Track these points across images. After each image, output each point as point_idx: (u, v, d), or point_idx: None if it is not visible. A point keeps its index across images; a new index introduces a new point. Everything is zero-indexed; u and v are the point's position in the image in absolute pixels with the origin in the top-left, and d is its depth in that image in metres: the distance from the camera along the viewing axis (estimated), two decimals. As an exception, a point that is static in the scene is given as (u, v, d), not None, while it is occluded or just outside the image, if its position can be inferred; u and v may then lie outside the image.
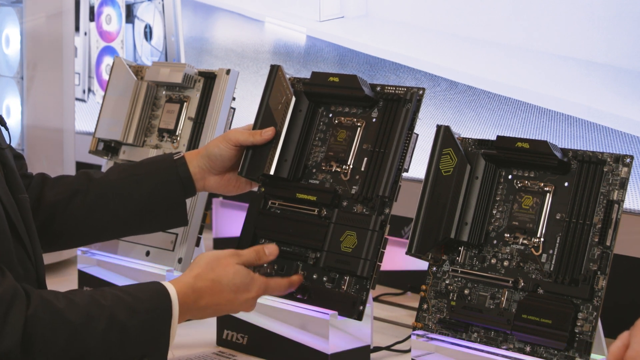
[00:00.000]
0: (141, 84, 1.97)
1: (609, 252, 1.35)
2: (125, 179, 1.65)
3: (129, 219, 1.66)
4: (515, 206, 1.46)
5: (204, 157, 1.65)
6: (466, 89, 2.03)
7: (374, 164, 1.58)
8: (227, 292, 1.42)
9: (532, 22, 1.92)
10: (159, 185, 1.63)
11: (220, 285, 1.42)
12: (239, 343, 1.66)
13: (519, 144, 1.44)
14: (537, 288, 1.40)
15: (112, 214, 1.65)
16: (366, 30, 2.25)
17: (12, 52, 2.52)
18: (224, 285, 1.42)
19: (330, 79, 1.65)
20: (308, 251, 1.61)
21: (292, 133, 1.67)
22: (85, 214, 1.65)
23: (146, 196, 1.64)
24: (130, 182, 1.65)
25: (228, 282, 1.42)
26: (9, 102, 2.54)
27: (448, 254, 1.50)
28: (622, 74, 1.78)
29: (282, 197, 1.67)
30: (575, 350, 1.34)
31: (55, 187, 1.66)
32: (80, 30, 3.00)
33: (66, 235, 1.67)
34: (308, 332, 1.56)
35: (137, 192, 1.64)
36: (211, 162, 1.65)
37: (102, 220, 1.66)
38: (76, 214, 1.65)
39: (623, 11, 1.77)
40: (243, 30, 2.58)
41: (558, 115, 1.88)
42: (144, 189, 1.64)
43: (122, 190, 1.65)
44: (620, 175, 1.38)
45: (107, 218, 1.66)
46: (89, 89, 3.05)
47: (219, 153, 1.65)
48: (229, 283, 1.42)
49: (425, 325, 1.49)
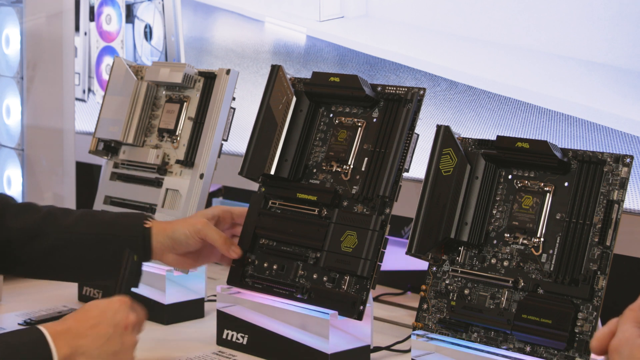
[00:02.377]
0: (141, 84, 1.97)
1: (609, 252, 1.35)
2: (91, 235, 1.62)
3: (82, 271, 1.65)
4: (515, 206, 1.46)
5: (168, 238, 1.62)
6: (466, 89, 2.03)
7: (374, 164, 1.58)
8: (90, 311, 1.33)
9: (532, 22, 1.92)
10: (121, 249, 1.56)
11: (82, 312, 1.34)
12: (239, 343, 1.66)
13: (519, 144, 1.44)
14: (537, 288, 1.40)
15: (67, 264, 1.63)
16: (366, 30, 2.25)
17: (12, 52, 2.52)
18: (86, 310, 1.34)
19: (331, 79, 1.65)
20: (308, 251, 1.61)
21: (292, 133, 1.67)
22: (41, 257, 1.62)
23: (107, 256, 1.61)
24: (95, 240, 1.62)
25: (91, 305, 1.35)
26: (9, 102, 2.54)
27: (448, 254, 1.50)
28: (622, 74, 1.78)
29: (283, 197, 1.67)
30: (575, 350, 1.34)
31: (19, 217, 1.62)
32: (80, 30, 3.00)
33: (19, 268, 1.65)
34: (308, 332, 1.56)
35: (99, 250, 1.62)
36: (174, 244, 1.63)
37: (56, 266, 1.63)
38: (33, 255, 1.61)
39: (623, 11, 1.77)
40: (243, 30, 2.57)
41: (558, 115, 1.88)
42: (106, 249, 1.62)
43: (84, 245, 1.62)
44: (620, 175, 1.38)
45: (60, 268, 1.64)
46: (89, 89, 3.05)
47: (184, 241, 1.62)
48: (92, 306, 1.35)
49: (425, 325, 1.49)
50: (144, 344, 1.41)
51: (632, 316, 1.01)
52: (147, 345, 1.57)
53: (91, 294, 1.96)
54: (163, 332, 1.79)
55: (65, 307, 1.91)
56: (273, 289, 1.63)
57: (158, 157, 1.92)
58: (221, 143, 1.86)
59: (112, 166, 2.01)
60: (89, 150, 2.01)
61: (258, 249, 1.68)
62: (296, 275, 1.62)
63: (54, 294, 2.02)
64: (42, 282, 2.13)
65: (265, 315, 1.62)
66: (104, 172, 2.03)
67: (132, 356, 1.34)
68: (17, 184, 2.58)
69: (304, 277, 1.61)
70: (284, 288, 1.62)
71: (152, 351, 1.65)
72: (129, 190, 1.96)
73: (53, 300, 1.97)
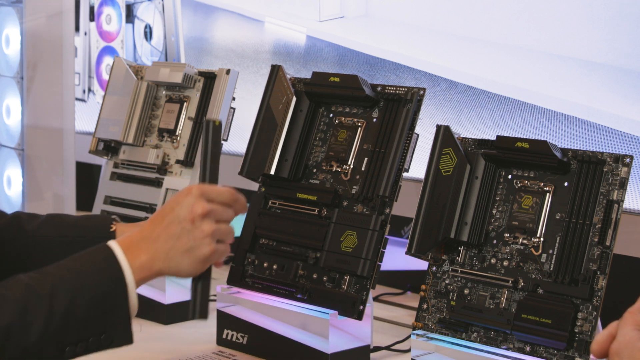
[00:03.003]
0: (141, 84, 1.97)
1: (608, 252, 1.35)
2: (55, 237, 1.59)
3: None
4: (515, 206, 1.46)
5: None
6: (466, 89, 2.03)
7: (374, 163, 1.58)
8: (164, 211, 1.27)
9: (532, 22, 1.92)
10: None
11: (157, 214, 1.29)
12: (239, 343, 1.66)
13: (519, 144, 1.44)
14: (537, 288, 1.40)
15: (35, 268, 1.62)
16: (366, 30, 2.25)
17: (12, 52, 2.52)
18: (161, 210, 1.29)
19: (331, 79, 1.65)
20: (308, 251, 1.61)
21: (292, 133, 1.68)
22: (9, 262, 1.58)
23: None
24: (60, 243, 1.58)
25: (165, 205, 1.29)
26: (9, 102, 2.54)
27: (448, 254, 1.50)
28: (622, 74, 1.78)
29: (283, 197, 1.67)
30: (575, 350, 1.34)
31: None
32: (80, 30, 3.00)
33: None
34: (308, 332, 1.56)
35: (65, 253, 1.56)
36: None
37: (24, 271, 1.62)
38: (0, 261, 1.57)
39: (623, 11, 1.77)
40: (243, 30, 2.58)
41: (558, 115, 1.88)
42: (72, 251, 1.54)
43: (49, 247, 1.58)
44: (620, 175, 1.38)
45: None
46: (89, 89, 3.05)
47: None
48: (166, 205, 1.28)
49: (425, 325, 1.49)
50: (144, 344, 1.41)
51: (632, 319, 1.01)
52: (147, 345, 1.57)
53: None
54: (163, 332, 1.79)
55: None
56: (273, 289, 1.63)
57: (158, 157, 1.92)
58: (221, 143, 1.86)
59: (112, 166, 2.01)
60: (89, 150, 2.01)
61: (258, 249, 1.68)
62: (296, 275, 1.62)
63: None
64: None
65: (265, 315, 1.62)
66: (104, 172, 2.03)
67: (211, 248, 1.26)
68: (17, 184, 2.58)
69: (304, 277, 1.61)
70: (284, 288, 1.62)
71: (152, 351, 1.65)
72: (129, 190, 1.96)
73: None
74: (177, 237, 1.26)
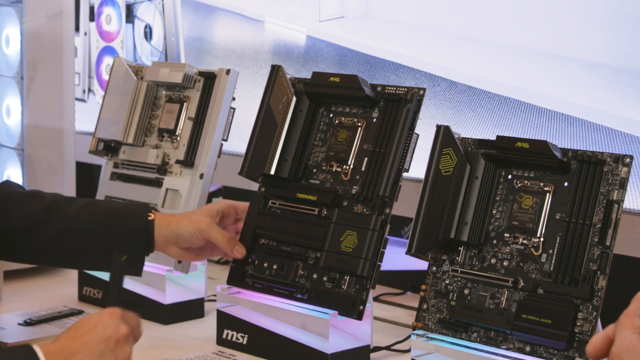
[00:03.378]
0: (141, 84, 1.97)
1: (608, 252, 1.35)
2: (94, 224, 1.63)
3: (85, 260, 1.66)
4: (515, 206, 1.46)
5: (172, 232, 1.63)
6: (466, 89, 2.03)
7: (374, 164, 1.58)
8: (81, 329, 1.29)
9: (532, 22, 1.92)
10: (124, 239, 1.61)
11: (73, 331, 1.30)
12: (239, 343, 1.66)
13: (519, 144, 1.44)
14: (537, 288, 1.40)
15: (69, 253, 1.63)
16: (366, 30, 2.25)
17: (12, 52, 2.52)
18: (76, 327, 1.30)
19: (331, 79, 1.65)
20: (308, 251, 1.61)
21: (292, 133, 1.68)
22: (44, 245, 1.62)
23: (110, 245, 1.61)
24: (98, 230, 1.62)
25: (81, 324, 1.31)
26: (9, 102, 2.54)
27: (448, 254, 1.50)
28: (622, 74, 1.78)
29: (283, 197, 1.67)
30: (575, 350, 1.34)
31: (23, 206, 1.63)
32: (80, 30, 3.00)
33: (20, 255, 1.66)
34: (308, 332, 1.56)
35: (102, 240, 1.62)
36: (177, 239, 1.63)
37: (58, 255, 1.64)
38: (35, 243, 1.62)
39: (623, 11, 1.77)
40: (243, 30, 2.57)
41: (558, 115, 1.88)
42: (109, 239, 1.62)
43: (87, 234, 1.62)
44: (620, 175, 1.38)
45: (62, 256, 1.64)
46: (89, 89, 3.05)
47: (188, 238, 1.63)
48: (82, 323, 1.31)
49: (425, 325, 1.49)
50: (144, 344, 1.41)
51: (630, 322, 1.01)
52: (147, 345, 1.57)
53: (91, 293, 1.96)
54: (163, 332, 1.79)
55: (65, 307, 1.91)
56: (273, 289, 1.63)
57: (158, 157, 1.92)
58: (221, 143, 1.86)
59: (112, 166, 2.01)
60: (89, 150, 2.01)
61: (258, 249, 1.68)
62: (296, 275, 1.62)
63: (54, 294, 2.02)
64: (42, 282, 2.14)
65: (265, 315, 1.62)
66: (104, 172, 2.03)
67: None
68: (17, 184, 2.57)
69: (304, 277, 1.61)
70: (284, 288, 1.62)
71: (152, 351, 1.65)
72: (129, 190, 1.96)
73: (53, 300, 1.97)
74: (99, 355, 1.28)
